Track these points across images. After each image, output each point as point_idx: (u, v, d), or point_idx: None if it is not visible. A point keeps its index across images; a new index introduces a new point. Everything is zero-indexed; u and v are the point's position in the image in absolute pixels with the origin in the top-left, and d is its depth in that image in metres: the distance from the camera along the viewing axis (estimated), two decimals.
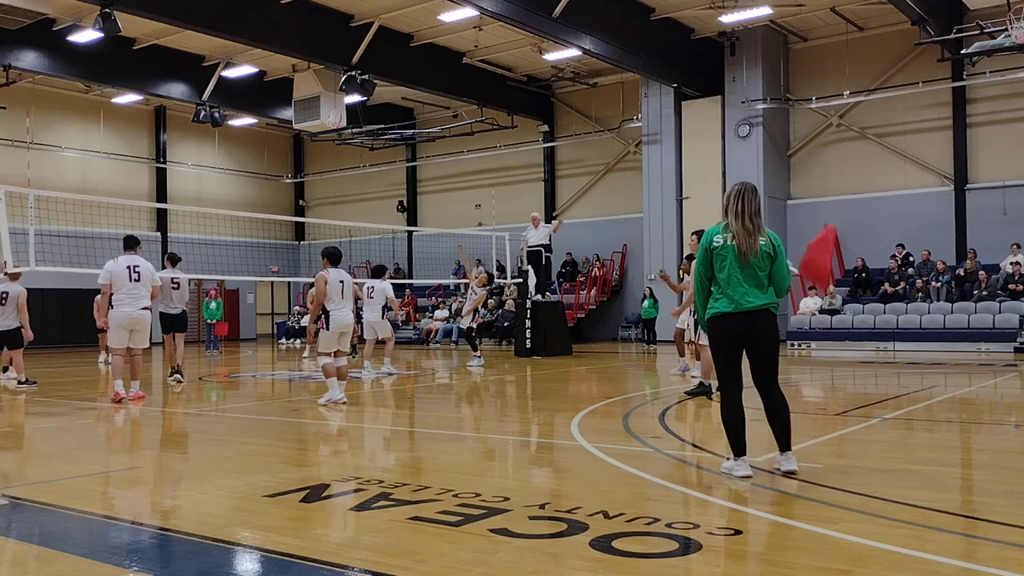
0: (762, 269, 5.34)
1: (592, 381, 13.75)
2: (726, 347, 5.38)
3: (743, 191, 5.39)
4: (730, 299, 5.30)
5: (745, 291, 5.29)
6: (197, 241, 26.23)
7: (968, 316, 19.56)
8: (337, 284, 9.75)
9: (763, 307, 5.32)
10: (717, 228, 5.44)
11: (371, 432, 8.13)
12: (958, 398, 10.55)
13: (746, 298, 5.28)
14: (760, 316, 5.32)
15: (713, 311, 5.38)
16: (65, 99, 27.79)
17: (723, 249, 5.34)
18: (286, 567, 3.80)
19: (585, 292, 25.75)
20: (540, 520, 4.43)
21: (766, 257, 5.34)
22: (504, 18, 18.50)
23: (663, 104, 24.44)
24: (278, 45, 20.82)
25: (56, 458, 6.95)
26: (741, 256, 5.29)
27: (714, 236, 5.41)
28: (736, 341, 5.35)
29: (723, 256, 5.33)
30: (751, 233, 5.30)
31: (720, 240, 5.37)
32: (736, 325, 5.30)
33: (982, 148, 21.69)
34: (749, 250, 5.29)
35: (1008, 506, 4.70)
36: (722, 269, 5.33)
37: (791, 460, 5.42)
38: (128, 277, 10.18)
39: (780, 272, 5.41)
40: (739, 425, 5.34)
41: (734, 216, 5.35)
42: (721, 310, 5.33)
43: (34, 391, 12.19)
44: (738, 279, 5.29)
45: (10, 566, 3.96)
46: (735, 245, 5.30)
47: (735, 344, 5.35)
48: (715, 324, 5.39)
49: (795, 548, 4.04)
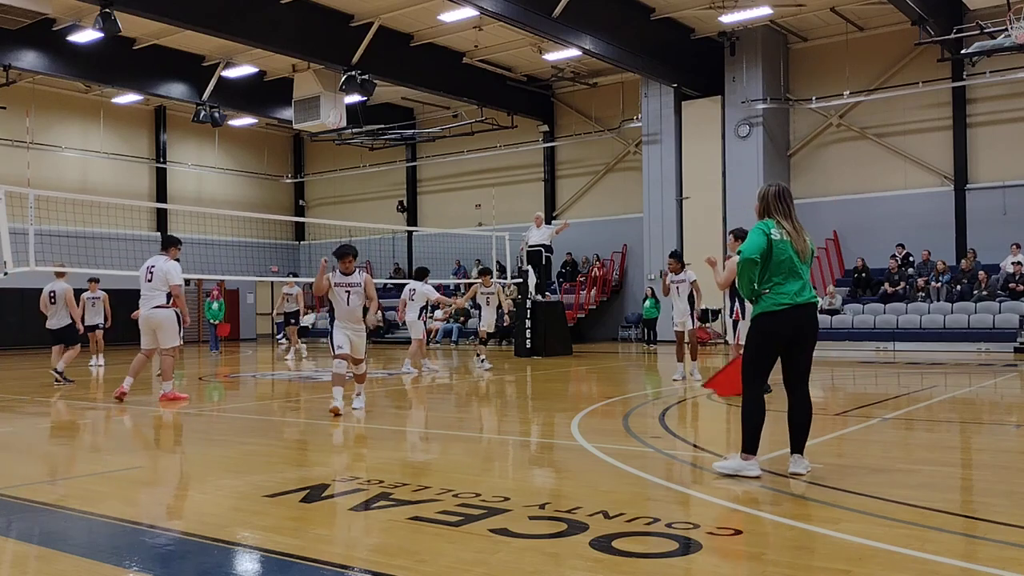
0: (809, 267, 5.41)
1: (592, 381, 13.75)
2: (774, 343, 5.32)
3: (783, 192, 5.43)
4: (789, 293, 5.25)
5: (802, 286, 5.30)
6: (197, 241, 26.19)
7: (968, 316, 19.56)
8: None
9: (815, 302, 5.38)
10: (770, 223, 5.36)
11: (371, 432, 8.13)
12: (958, 398, 10.55)
13: (803, 292, 5.29)
14: (814, 310, 5.37)
15: (770, 305, 5.27)
16: (65, 99, 27.79)
17: (782, 243, 5.29)
18: (286, 567, 3.80)
19: (585, 292, 25.75)
20: (540, 520, 4.43)
21: (812, 256, 5.42)
22: (504, 18, 18.50)
23: (663, 104, 24.44)
24: (278, 45, 20.83)
25: (56, 458, 6.95)
26: (799, 253, 5.32)
27: (772, 228, 5.33)
28: (785, 337, 5.30)
29: (783, 250, 5.29)
30: (800, 233, 5.35)
31: (778, 234, 5.31)
32: (792, 320, 5.25)
33: (982, 148, 21.68)
34: (803, 249, 5.33)
35: (1008, 506, 4.70)
36: (781, 263, 5.27)
37: (803, 462, 5.40)
38: (144, 277, 10.37)
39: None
40: (762, 424, 5.33)
41: (784, 216, 5.36)
42: (782, 303, 5.24)
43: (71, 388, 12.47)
44: (796, 274, 5.29)
45: (10, 566, 3.96)
46: (791, 242, 5.31)
47: (783, 340, 5.31)
48: (772, 318, 5.28)
49: (795, 548, 4.04)
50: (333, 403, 8.83)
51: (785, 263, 5.27)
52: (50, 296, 13.29)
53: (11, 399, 11.60)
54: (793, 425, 5.40)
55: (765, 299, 5.30)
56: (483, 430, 8.59)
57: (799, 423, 5.38)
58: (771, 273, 5.28)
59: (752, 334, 5.39)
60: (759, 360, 5.35)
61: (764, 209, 5.42)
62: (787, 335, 5.29)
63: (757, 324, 5.36)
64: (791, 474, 5.36)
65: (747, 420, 5.31)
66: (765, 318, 5.31)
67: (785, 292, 5.25)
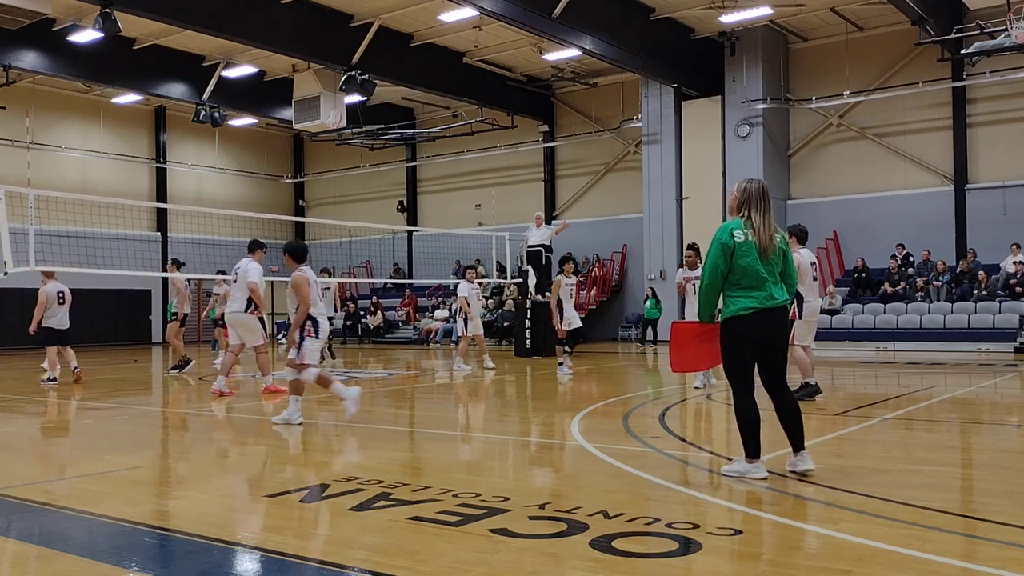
0: (778, 266, 5.30)
1: (592, 381, 13.74)
2: (747, 346, 5.27)
3: (764, 187, 5.36)
4: (755, 297, 5.20)
5: (769, 288, 5.22)
6: (197, 241, 26.21)
7: (968, 316, 19.56)
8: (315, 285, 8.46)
9: (783, 304, 5.28)
10: (737, 223, 5.31)
11: (371, 432, 8.13)
12: (958, 398, 10.55)
13: (772, 295, 5.22)
14: (782, 313, 5.29)
15: (737, 310, 5.23)
16: (65, 99, 27.79)
17: (746, 245, 5.22)
18: (286, 567, 3.80)
19: (585, 292, 25.74)
20: (540, 520, 4.43)
21: (781, 253, 5.31)
22: (504, 18, 18.50)
23: (663, 104, 24.44)
24: (278, 45, 20.83)
25: (56, 458, 6.95)
26: (761, 252, 5.22)
27: (734, 231, 5.27)
28: (758, 340, 5.26)
29: (746, 253, 5.21)
30: (770, 229, 5.26)
31: (742, 236, 5.24)
32: (761, 323, 5.21)
33: (982, 148, 21.68)
34: (769, 246, 5.23)
35: (1008, 506, 4.70)
36: (745, 266, 5.20)
37: (807, 459, 5.36)
38: (232, 278, 11.15)
39: (790, 268, 5.38)
40: (758, 426, 5.27)
41: (759, 212, 5.27)
42: (747, 308, 5.20)
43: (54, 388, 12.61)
44: (762, 276, 5.21)
45: (10, 566, 3.96)
46: (756, 241, 5.22)
47: (756, 343, 5.27)
48: (739, 323, 5.24)
49: (795, 548, 4.04)
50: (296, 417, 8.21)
51: (749, 267, 5.19)
52: (59, 296, 13.39)
53: (11, 399, 11.60)
54: (784, 426, 5.37)
55: (732, 302, 5.25)
56: (483, 430, 8.59)
57: (789, 423, 5.35)
58: (736, 277, 5.23)
59: (723, 340, 5.34)
60: (735, 365, 5.31)
61: (743, 202, 5.33)
62: (757, 338, 5.25)
63: (727, 329, 5.30)
64: (797, 473, 5.31)
65: (744, 425, 5.28)
66: (733, 322, 5.26)
67: (751, 295, 5.19)
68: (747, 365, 5.29)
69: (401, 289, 30.39)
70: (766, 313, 5.19)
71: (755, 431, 5.26)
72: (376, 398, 11.20)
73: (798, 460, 5.38)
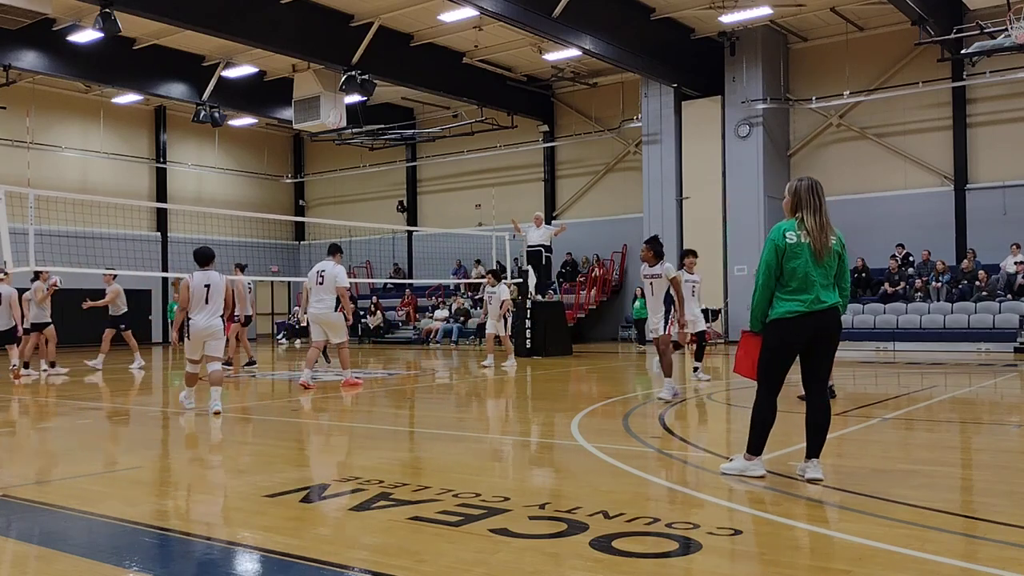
0: (832, 268, 5.16)
1: (592, 381, 13.74)
2: (788, 351, 5.17)
3: (815, 186, 5.20)
4: (803, 301, 5.07)
5: (820, 291, 5.09)
6: (197, 241, 26.15)
7: (968, 316, 19.55)
8: (201, 289, 9.03)
9: (833, 307, 5.14)
10: (790, 224, 5.19)
11: (371, 432, 8.13)
12: (958, 398, 10.55)
13: (820, 298, 5.09)
14: (833, 314, 5.15)
15: (782, 312, 5.11)
16: (65, 99, 27.78)
17: (797, 247, 5.09)
18: (286, 567, 3.80)
19: (585, 292, 25.74)
20: (540, 520, 4.43)
21: (835, 256, 5.18)
22: (504, 18, 18.50)
23: (663, 104, 24.43)
24: (278, 45, 20.82)
25: (56, 458, 6.95)
26: (815, 254, 5.09)
27: (787, 232, 5.15)
28: (801, 344, 5.16)
29: (797, 255, 5.08)
30: (823, 230, 5.11)
31: (794, 237, 5.12)
32: (807, 327, 5.09)
33: (982, 148, 21.68)
34: (823, 248, 5.10)
35: (1008, 506, 4.70)
36: (796, 268, 5.08)
37: (817, 468, 5.20)
38: (315, 280, 11.77)
39: (844, 271, 5.23)
40: (769, 428, 5.23)
41: (810, 211, 5.13)
42: (792, 311, 5.08)
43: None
44: (813, 279, 5.08)
45: (10, 566, 3.96)
46: (809, 243, 5.10)
47: (798, 348, 5.17)
48: (783, 326, 5.13)
49: (795, 548, 4.04)
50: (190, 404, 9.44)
51: (799, 268, 5.07)
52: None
53: (11, 399, 11.59)
54: (810, 426, 5.23)
55: (777, 306, 5.14)
56: (483, 430, 8.59)
57: (816, 424, 5.21)
58: (785, 279, 5.13)
59: (765, 340, 5.24)
60: (772, 366, 5.21)
61: (795, 204, 5.21)
62: (802, 342, 5.14)
63: (770, 330, 5.20)
64: (807, 480, 5.18)
65: (756, 422, 5.23)
66: (777, 325, 5.15)
67: (797, 299, 5.08)
68: (781, 368, 5.21)
69: (401, 289, 30.39)
70: (812, 316, 5.08)
71: (764, 432, 5.23)
72: (376, 398, 11.21)
73: (808, 466, 5.23)
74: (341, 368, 12.20)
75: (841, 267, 5.21)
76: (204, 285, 9.09)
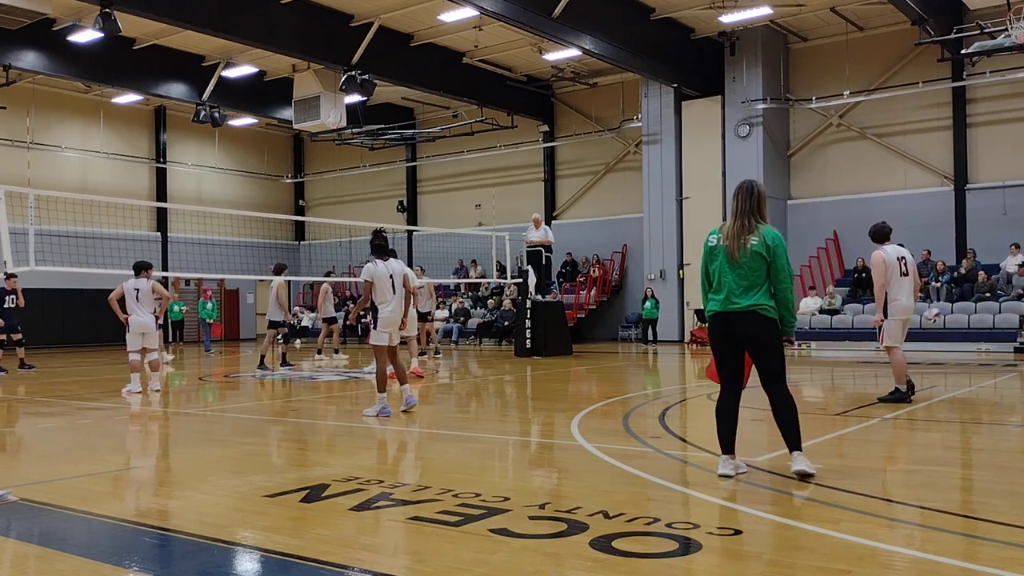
0: (755, 270, 5.25)
1: (592, 381, 13.75)
2: (719, 348, 5.47)
3: (739, 189, 5.43)
4: (717, 300, 5.38)
5: (731, 292, 5.30)
6: (197, 241, 26.23)
7: (968, 316, 19.55)
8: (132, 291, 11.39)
9: (748, 308, 5.25)
10: (715, 228, 5.53)
11: (371, 432, 8.13)
12: (958, 398, 10.55)
13: (731, 299, 5.30)
14: (744, 318, 5.28)
15: (707, 312, 5.51)
16: (65, 99, 27.78)
17: (716, 249, 5.42)
18: (286, 567, 3.80)
19: (585, 292, 25.75)
20: (540, 520, 4.43)
21: (758, 257, 5.25)
22: (504, 18, 18.50)
23: (663, 104, 24.44)
24: (278, 45, 20.82)
25: (56, 458, 6.94)
26: (729, 256, 5.31)
27: (710, 236, 5.51)
28: (728, 340, 5.40)
29: (715, 257, 5.41)
30: (740, 233, 5.30)
31: (714, 240, 5.46)
32: (723, 326, 5.38)
33: (982, 148, 21.68)
34: (736, 250, 5.28)
35: (1008, 506, 4.70)
36: (714, 270, 5.41)
37: (799, 460, 5.28)
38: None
39: (777, 272, 5.27)
40: (724, 423, 5.41)
41: (733, 215, 5.40)
42: (712, 311, 5.46)
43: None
44: (727, 280, 5.32)
45: (10, 566, 3.96)
46: (725, 245, 5.35)
47: (728, 343, 5.41)
48: (710, 325, 5.54)
49: (795, 548, 4.04)
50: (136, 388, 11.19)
51: (715, 270, 5.40)
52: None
53: (11, 399, 11.60)
54: (779, 424, 5.37)
55: (706, 305, 5.53)
56: (483, 430, 8.59)
57: (783, 421, 5.34)
58: (712, 280, 5.46)
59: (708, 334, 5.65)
60: (717, 364, 5.52)
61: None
62: (726, 341, 5.41)
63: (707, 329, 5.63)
64: (796, 473, 5.25)
65: (716, 420, 5.48)
66: (708, 323, 5.54)
67: (714, 299, 5.41)
68: (723, 366, 5.47)
69: None
70: (726, 316, 5.35)
71: (724, 429, 5.41)
72: (374, 398, 11.18)
73: (792, 460, 5.34)
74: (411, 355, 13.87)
75: (773, 269, 5.28)
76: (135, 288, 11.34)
